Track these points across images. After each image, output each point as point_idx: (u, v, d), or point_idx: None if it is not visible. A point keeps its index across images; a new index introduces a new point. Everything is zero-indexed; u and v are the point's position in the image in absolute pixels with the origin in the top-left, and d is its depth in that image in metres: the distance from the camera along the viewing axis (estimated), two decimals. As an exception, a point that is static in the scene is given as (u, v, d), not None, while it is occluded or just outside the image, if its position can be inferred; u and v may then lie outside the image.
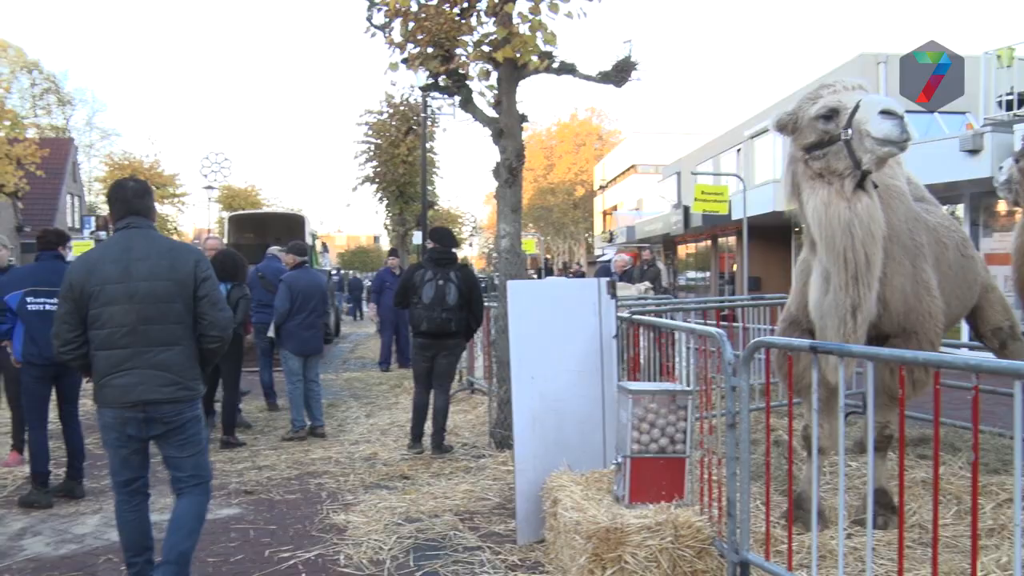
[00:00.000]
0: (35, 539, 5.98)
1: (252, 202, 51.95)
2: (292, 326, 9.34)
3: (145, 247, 4.49)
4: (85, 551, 5.70)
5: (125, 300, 4.37)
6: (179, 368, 4.44)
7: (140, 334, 4.37)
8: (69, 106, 62.59)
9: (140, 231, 4.57)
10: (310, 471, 7.76)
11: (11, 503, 6.82)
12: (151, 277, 4.41)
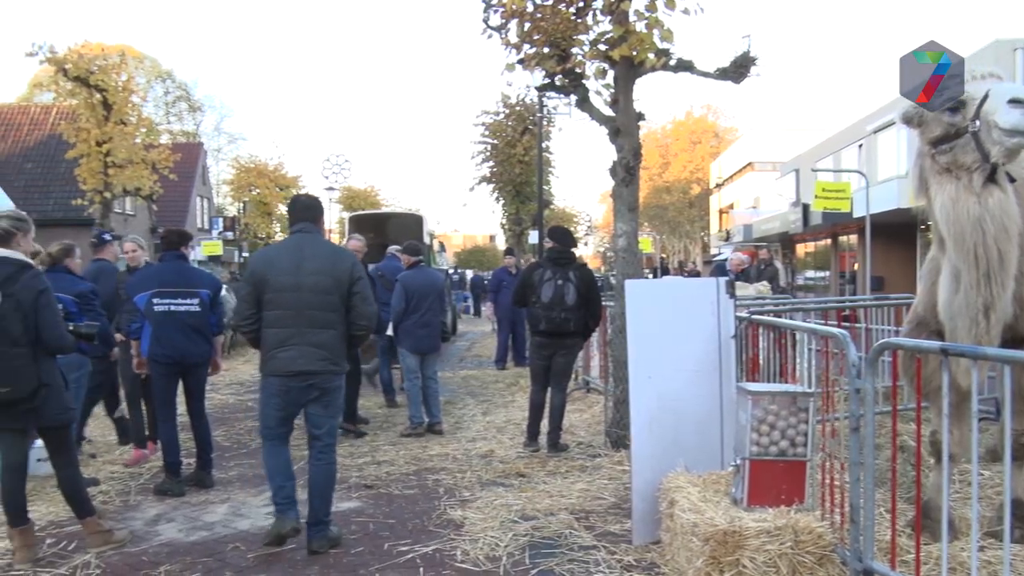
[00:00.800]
0: (168, 525, 6.25)
1: (371, 202, 52.95)
2: (408, 325, 9.50)
3: (313, 248, 5.56)
4: (214, 538, 5.93)
5: (294, 289, 5.42)
6: (331, 347, 5.48)
7: (303, 317, 5.41)
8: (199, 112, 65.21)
9: (309, 235, 5.65)
10: (428, 467, 7.89)
11: (147, 491, 7.15)
12: (316, 273, 5.45)
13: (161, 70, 62.01)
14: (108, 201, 22.90)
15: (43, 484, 7.22)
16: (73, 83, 22.36)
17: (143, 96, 27.55)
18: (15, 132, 36.55)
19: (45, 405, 5.33)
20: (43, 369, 5.30)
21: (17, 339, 5.16)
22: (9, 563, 5.42)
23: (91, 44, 23.36)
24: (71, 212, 31.05)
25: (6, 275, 5.20)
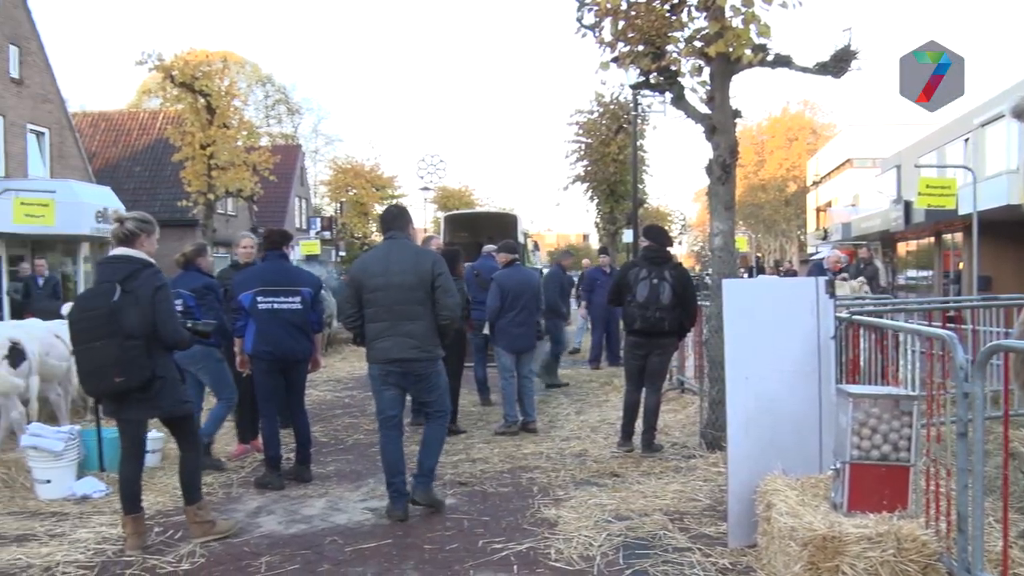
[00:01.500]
0: (269, 517, 6.41)
1: (466, 202, 53.40)
2: (504, 323, 9.55)
3: (399, 252, 6.32)
4: (313, 531, 6.06)
5: (385, 288, 6.19)
6: (421, 336, 6.20)
7: (395, 312, 6.17)
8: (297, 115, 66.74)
9: (396, 241, 6.43)
10: (522, 465, 7.92)
11: (248, 484, 7.35)
12: (402, 272, 6.20)
13: (261, 74, 63.67)
14: (211, 202, 23.57)
15: (151, 475, 7.49)
16: (179, 89, 23.09)
17: (244, 100, 28.30)
18: (125, 137, 37.95)
19: (160, 396, 5.58)
20: (158, 362, 5.53)
21: (132, 332, 5.37)
22: (120, 549, 5.63)
23: (196, 51, 24.10)
24: (176, 213, 32.08)
25: (127, 273, 5.49)
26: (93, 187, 26.64)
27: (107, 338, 5.37)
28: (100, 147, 37.22)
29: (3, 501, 6.76)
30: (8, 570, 5.31)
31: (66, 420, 8.83)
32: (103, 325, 5.37)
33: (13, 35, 24.81)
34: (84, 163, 28.90)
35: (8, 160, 24.50)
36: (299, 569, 5.32)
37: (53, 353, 8.81)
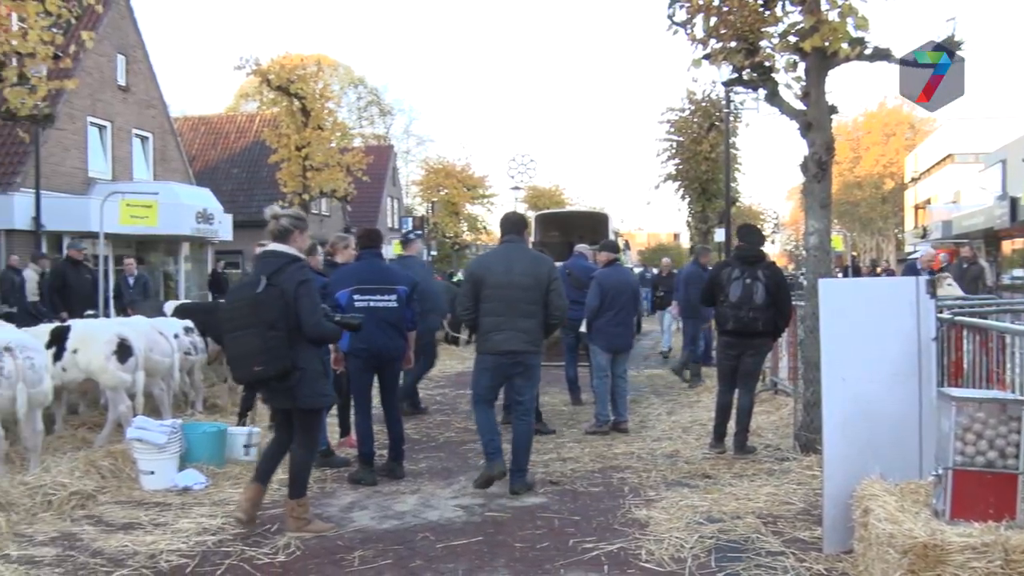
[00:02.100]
0: (362, 513, 6.52)
1: (556, 201, 53.43)
2: (602, 323, 9.51)
3: (519, 256, 7.08)
4: (405, 527, 6.14)
5: (505, 287, 6.90)
6: (532, 332, 6.91)
7: (513, 309, 6.85)
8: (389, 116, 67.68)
9: (515, 245, 7.20)
10: (613, 465, 7.89)
11: (342, 479, 7.48)
12: (522, 274, 6.91)
13: (354, 77, 64.74)
14: (306, 203, 24.04)
15: (247, 469, 7.68)
16: (275, 92, 23.64)
17: (338, 102, 28.82)
18: (223, 140, 38.99)
19: (298, 387, 5.79)
20: (299, 354, 5.74)
21: (273, 323, 5.62)
22: (220, 540, 5.80)
23: (291, 55, 24.63)
24: (273, 213, 32.67)
25: (276, 267, 5.76)
26: (193, 189, 27.47)
27: (250, 328, 5.64)
28: (200, 150, 38.33)
29: (111, 490, 7.01)
30: (116, 556, 5.52)
31: (168, 414, 9.11)
32: (247, 315, 5.67)
33: (121, 45, 25.73)
34: (185, 166, 29.80)
35: (115, 164, 25.42)
36: (391, 564, 5.39)
37: (156, 349, 9.10)
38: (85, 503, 6.64)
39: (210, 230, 26.12)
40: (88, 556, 5.53)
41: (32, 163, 21.63)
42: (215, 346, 10.98)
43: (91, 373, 8.39)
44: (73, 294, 13.95)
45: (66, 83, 12.04)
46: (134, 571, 5.27)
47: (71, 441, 8.42)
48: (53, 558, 5.49)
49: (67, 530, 6.05)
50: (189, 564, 5.39)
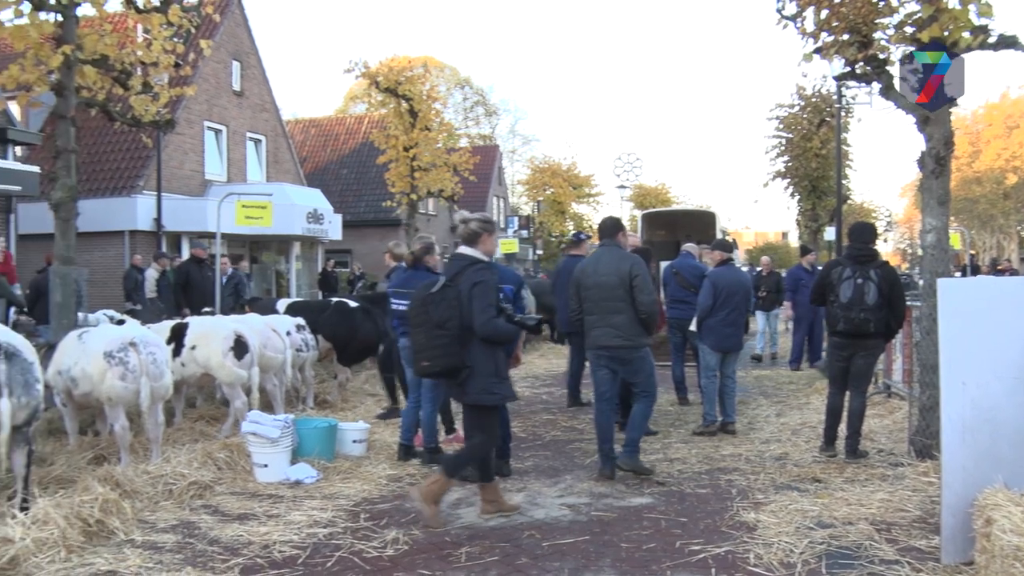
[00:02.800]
0: (469, 509, 6.58)
1: (662, 200, 52.92)
2: (713, 322, 9.40)
3: (608, 257, 7.54)
4: (512, 525, 6.17)
5: (594, 287, 7.42)
6: (624, 327, 7.29)
7: (603, 307, 7.33)
8: (495, 116, 68.11)
9: (608, 248, 7.64)
10: (720, 467, 7.79)
11: (449, 476, 7.55)
12: (607, 274, 7.38)
13: (460, 78, 65.38)
14: (414, 202, 24.37)
15: (357, 464, 7.85)
16: (384, 94, 24.02)
17: (444, 103, 29.12)
18: (333, 141, 39.87)
19: (468, 384, 6.07)
20: (470, 352, 6.02)
21: (442, 323, 5.92)
22: (330, 533, 5.94)
23: (399, 57, 25.01)
24: (381, 213, 33.46)
25: (458, 269, 6.12)
26: (304, 189, 28.17)
27: (420, 326, 6.03)
28: (310, 151, 39.29)
29: (226, 482, 7.26)
30: (232, 545, 5.72)
31: (281, 409, 9.37)
32: (419, 314, 6.05)
33: (236, 51, 26.58)
34: (296, 167, 30.59)
35: (230, 166, 26.28)
36: (498, 561, 5.43)
37: (270, 346, 9.37)
38: (203, 493, 6.89)
39: (320, 230, 26.75)
40: (206, 544, 5.74)
41: (153, 167, 22.57)
42: (325, 343, 11.25)
43: (209, 368, 8.70)
44: (196, 292, 14.54)
45: (186, 90, 12.49)
46: (249, 560, 5.45)
47: (189, 433, 8.74)
48: (174, 544, 5.72)
49: (186, 518, 6.29)
50: (301, 555, 5.54)
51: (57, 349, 7.86)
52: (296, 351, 10.18)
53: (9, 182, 17.39)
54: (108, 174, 23.22)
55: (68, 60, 9.67)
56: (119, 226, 21.98)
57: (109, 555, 5.46)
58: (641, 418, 7.57)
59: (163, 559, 5.44)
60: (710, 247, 10.69)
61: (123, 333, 7.54)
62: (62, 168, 9.82)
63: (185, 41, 12.99)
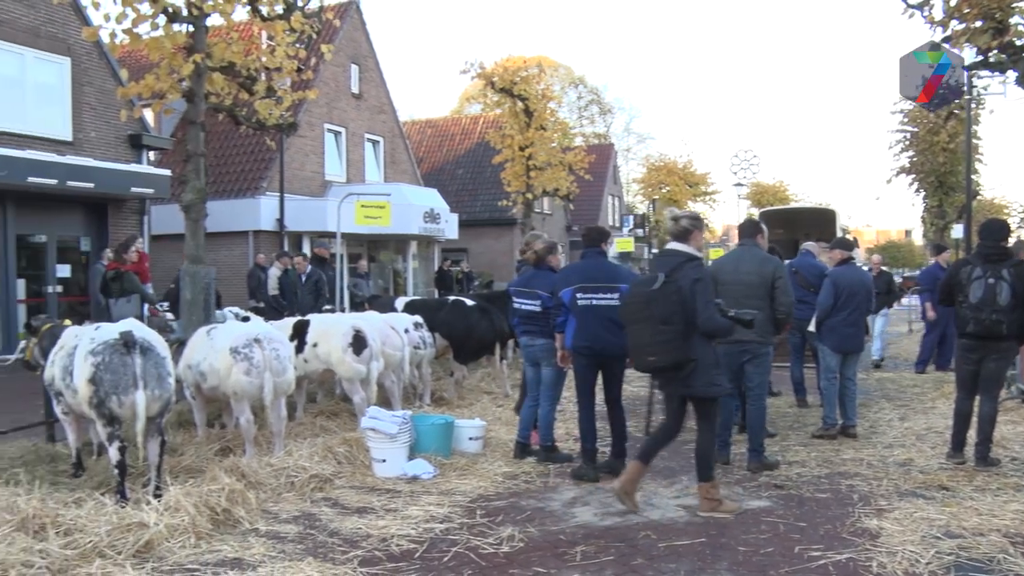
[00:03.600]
0: (584, 508, 6.58)
1: (780, 198, 51.93)
2: (834, 322, 9.16)
3: (748, 257, 7.81)
4: (626, 525, 6.14)
5: (732, 284, 7.59)
6: (759, 324, 7.07)
7: (738, 303, 7.07)
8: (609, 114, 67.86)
9: (746, 248, 7.93)
10: (840, 471, 7.59)
11: (564, 474, 7.57)
12: (748, 272, 7.65)
13: (574, 77, 65.37)
14: (530, 202, 24.53)
15: (473, 461, 7.93)
16: (499, 94, 24.27)
17: (559, 102, 29.20)
18: (448, 142, 40.41)
19: (692, 377, 6.25)
20: (694, 346, 6.20)
21: (667, 318, 6.11)
22: (447, 528, 6.02)
23: (514, 58, 25.22)
24: (496, 212, 33.76)
25: (674, 265, 6.30)
26: (421, 189, 28.63)
27: (643, 322, 6.20)
28: (427, 152, 39.91)
29: (346, 475, 7.43)
30: (351, 537, 5.86)
31: (399, 405, 9.54)
32: (641, 310, 6.23)
33: (354, 55, 27.21)
34: (413, 167, 31.10)
35: (349, 167, 26.91)
36: (613, 561, 5.42)
37: (388, 343, 9.56)
38: (323, 486, 7.07)
39: (436, 229, 27.14)
40: (326, 535, 5.89)
41: (276, 169, 23.30)
42: (442, 341, 11.41)
43: (329, 364, 8.93)
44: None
45: (308, 93, 12.86)
46: (367, 552, 5.57)
47: (310, 428, 8.97)
48: (295, 535, 5.89)
49: (307, 510, 6.47)
50: (418, 549, 5.63)
51: (187, 345, 8.20)
52: (414, 348, 10.35)
53: (143, 185, 18.21)
54: (233, 176, 24.07)
55: (198, 68, 10.09)
56: (244, 226, 22.78)
57: (235, 543, 5.67)
58: (758, 421, 7.73)
59: (285, 548, 5.61)
60: (830, 246, 10.41)
61: (248, 330, 7.81)
62: (192, 171, 10.24)
63: (307, 46, 13.39)
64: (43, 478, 6.76)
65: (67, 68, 17.80)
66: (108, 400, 6.11)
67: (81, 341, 6.46)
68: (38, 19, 17.15)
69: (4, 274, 16.72)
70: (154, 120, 20.90)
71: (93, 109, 18.27)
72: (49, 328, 7.87)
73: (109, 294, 12.43)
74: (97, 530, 5.45)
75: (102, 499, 6.07)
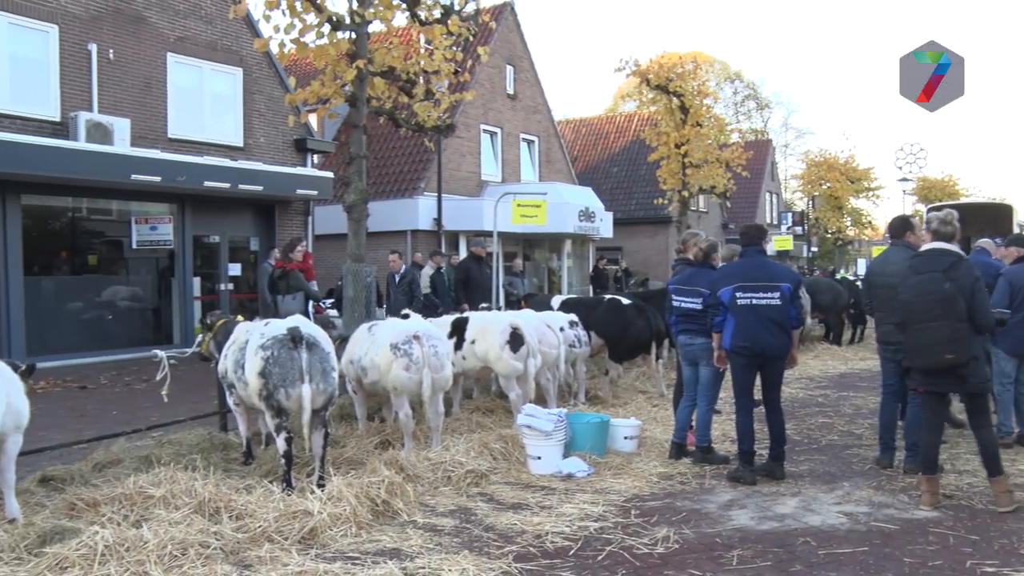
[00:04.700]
0: (740, 512, 6.44)
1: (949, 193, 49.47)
2: (1009, 324, 8.60)
3: (896, 256, 7.66)
4: (785, 530, 5.98)
5: (885, 287, 7.55)
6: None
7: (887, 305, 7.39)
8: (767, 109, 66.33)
9: (898, 247, 7.82)
10: (1016, 482, 7.12)
11: (720, 476, 7.44)
12: (893, 275, 7.30)
13: (730, 71, 64.22)
14: (685, 199, 24.23)
15: (628, 460, 7.89)
16: (654, 91, 24.08)
17: (716, 98, 28.71)
18: (603, 140, 40.36)
19: (971, 374, 6.37)
20: (975, 344, 6.40)
21: (962, 316, 6.31)
22: (602, 527, 6.00)
23: (669, 54, 24.96)
24: (651, 211, 33.55)
25: (948, 264, 6.46)
26: (576, 188, 28.69)
27: (940, 319, 6.33)
28: (581, 150, 39.98)
29: (501, 472, 7.51)
30: (506, 532, 5.92)
31: (554, 403, 9.59)
32: (935, 308, 6.36)
33: (509, 56, 27.53)
34: (568, 166, 31.21)
35: (504, 167, 27.23)
36: (770, 566, 5.28)
37: (544, 341, 9.60)
38: (479, 481, 7.17)
39: (592, 228, 27.13)
40: (481, 530, 5.98)
41: (434, 169, 23.82)
42: (598, 340, 11.39)
43: (487, 361, 9.06)
44: (475, 288, 15.21)
45: (465, 95, 13.11)
46: (522, 548, 5.62)
47: (467, 424, 9.11)
48: (452, 528, 6.00)
49: (463, 504, 6.58)
50: (572, 547, 5.64)
51: (349, 340, 8.49)
52: (569, 346, 10.38)
53: (308, 187, 18.96)
54: (392, 177, 24.73)
55: (361, 73, 10.43)
56: (402, 226, 23.36)
57: (393, 534, 5.83)
58: (918, 420, 7.32)
59: (442, 541, 5.72)
60: (1005, 242, 9.80)
61: (408, 327, 8.01)
62: (355, 173, 10.59)
63: (463, 49, 13.62)
64: (217, 465, 7.15)
65: (239, 78, 18.76)
66: (276, 392, 6.40)
67: (252, 336, 6.79)
68: (214, 34, 18.13)
69: (182, 273, 17.76)
70: (317, 124, 21.72)
71: (262, 116, 19.17)
72: (223, 323, 8.32)
73: (276, 291, 12.97)
74: (266, 516, 5.73)
75: (270, 487, 6.37)
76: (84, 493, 6.19)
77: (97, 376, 14.18)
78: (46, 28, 15.33)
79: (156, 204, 17.47)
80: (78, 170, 14.71)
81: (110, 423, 9.88)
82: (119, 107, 16.22)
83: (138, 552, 5.04)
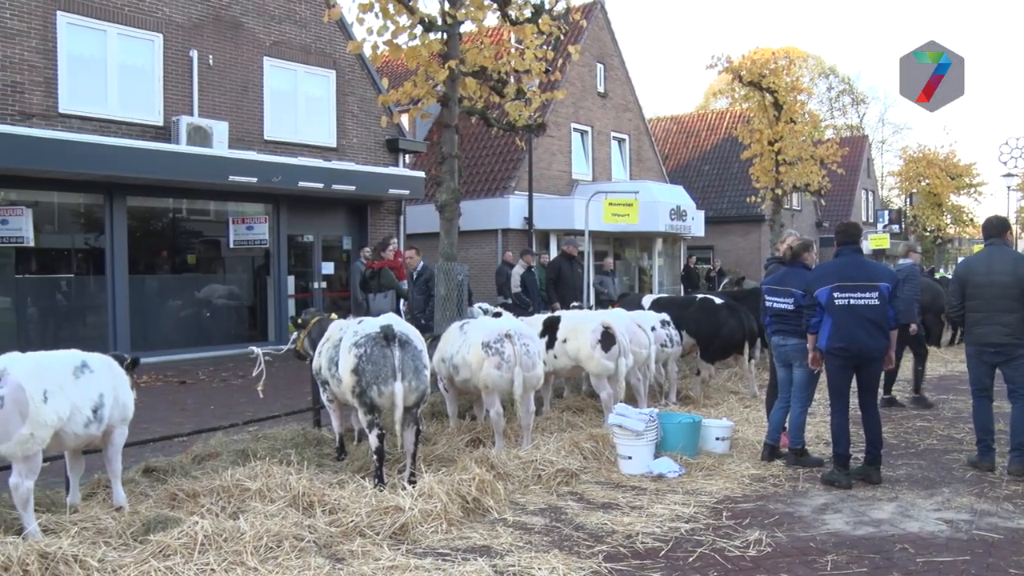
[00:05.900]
0: (835, 516, 6.30)
1: (1058, 188, 47.45)
2: None
3: (1000, 256, 7.65)
4: (881, 536, 5.83)
5: (985, 286, 7.55)
6: (1013, 325, 7.41)
7: (994, 305, 7.48)
8: (862, 105, 64.72)
9: (996, 247, 7.74)
10: None
11: (815, 479, 7.29)
12: (1001, 273, 7.49)
13: (825, 66, 62.86)
14: (779, 197, 23.81)
15: (719, 461, 7.80)
16: (747, 88, 23.70)
17: (810, 94, 28.11)
18: (694, 138, 39.94)
19: None
20: None
21: None
22: (693, 528, 5.94)
23: (761, 50, 24.55)
24: (743, 209, 33.07)
25: None
26: (667, 187, 28.46)
27: None
28: (672, 149, 39.63)
29: (591, 471, 7.49)
30: (596, 532, 5.91)
31: (645, 403, 9.53)
32: None
33: (599, 54, 27.44)
34: (659, 164, 30.96)
35: (595, 165, 27.16)
36: (866, 573, 5.15)
37: (635, 340, 9.54)
38: (569, 480, 7.17)
39: (683, 226, 26.87)
40: (571, 529, 5.97)
41: (524, 168, 23.87)
42: (689, 339, 11.29)
43: (579, 360, 9.04)
44: (566, 286, 15.20)
45: (556, 94, 13.10)
46: (612, 548, 5.60)
47: (557, 423, 9.12)
48: (542, 527, 6.01)
49: (553, 503, 6.59)
50: (663, 548, 5.60)
51: (441, 339, 8.57)
52: (660, 346, 10.31)
53: (400, 187, 19.19)
54: (483, 176, 24.87)
55: (452, 74, 10.51)
56: (493, 225, 23.47)
57: (484, 531, 5.86)
58: (1021, 422, 7.41)
59: (532, 540, 5.74)
60: None
61: (500, 325, 8.05)
62: (447, 172, 10.68)
63: (554, 48, 13.62)
64: (310, 460, 7.30)
65: (332, 80, 19.09)
66: (369, 389, 6.50)
67: (346, 334, 6.92)
68: (308, 38, 18.49)
69: (277, 271, 18.16)
70: (409, 125, 21.97)
71: (355, 117, 19.47)
72: (317, 321, 8.48)
73: (368, 290, 13.16)
74: (358, 511, 5.83)
75: (362, 482, 6.48)
76: (184, 484, 6.40)
77: (196, 372, 14.61)
78: (152, 37, 15.85)
79: (252, 204, 17.90)
80: (179, 172, 15.18)
81: (208, 417, 10.18)
82: (218, 110, 16.69)
83: (235, 543, 5.19)
